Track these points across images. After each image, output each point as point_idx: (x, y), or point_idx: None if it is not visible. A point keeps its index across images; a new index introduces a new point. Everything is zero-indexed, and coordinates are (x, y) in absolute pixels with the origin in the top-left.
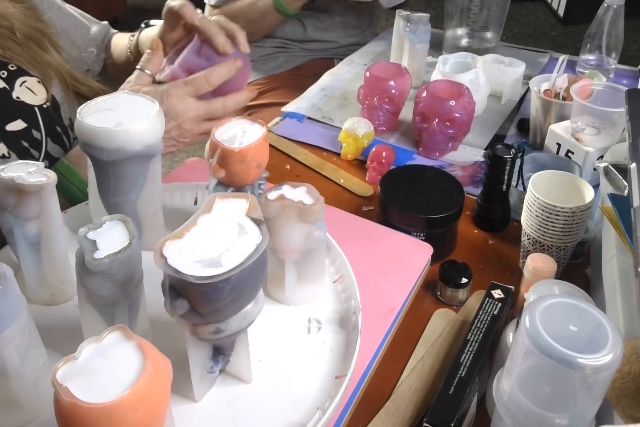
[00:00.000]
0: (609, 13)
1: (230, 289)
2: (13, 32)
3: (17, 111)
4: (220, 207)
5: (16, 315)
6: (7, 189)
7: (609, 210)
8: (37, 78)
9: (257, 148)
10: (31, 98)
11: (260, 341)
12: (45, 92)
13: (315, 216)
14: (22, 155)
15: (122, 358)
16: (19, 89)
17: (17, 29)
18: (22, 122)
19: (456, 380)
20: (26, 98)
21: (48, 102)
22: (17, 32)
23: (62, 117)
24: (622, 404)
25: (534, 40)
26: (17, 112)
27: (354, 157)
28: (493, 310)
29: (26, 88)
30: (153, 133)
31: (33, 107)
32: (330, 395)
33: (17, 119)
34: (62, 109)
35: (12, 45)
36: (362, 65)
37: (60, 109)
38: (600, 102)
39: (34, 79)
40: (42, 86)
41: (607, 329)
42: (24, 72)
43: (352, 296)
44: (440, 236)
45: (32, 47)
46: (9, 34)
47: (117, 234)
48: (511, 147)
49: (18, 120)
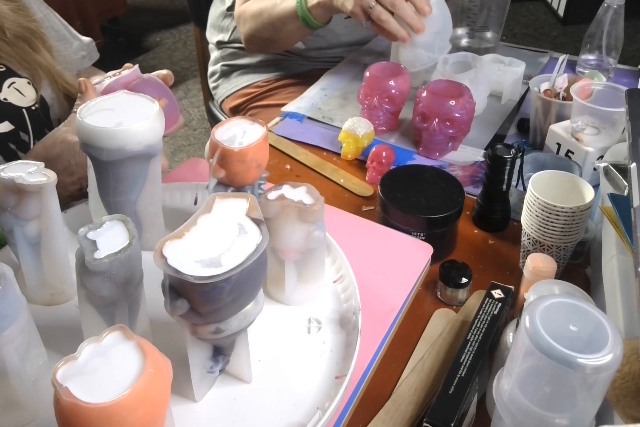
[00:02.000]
0: (609, 13)
1: (230, 289)
2: (3, 31)
3: (4, 113)
4: (220, 207)
5: (16, 315)
6: (7, 189)
7: (609, 210)
8: (27, 79)
9: (257, 148)
10: (19, 100)
11: (260, 341)
12: (34, 94)
13: (315, 216)
14: (9, 157)
15: (122, 358)
16: (7, 90)
17: (7, 28)
18: (9, 124)
19: (456, 380)
20: (14, 100)
21: (37, 104)
22: (7, 31)
23: (50, 119)
24: (622, 404)
25: (534, 40)
26: (4, 114)
27: (354, 157)
28: (493, 310)
29: (15, 89)
30: (153, 133)
31: (21, 109)
32: (330, 395)
33: (4, 121)
34: (52, 110)
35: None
36: (362, 65)
37: (49, 110)
38: (600, 102)
39: (24, 80)
40: (31, 87)
41: (607, 329)
42: (13, 73)
43: (352, 296)
44: (440, 236)
45: (22, 47)
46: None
47: (117, 234)
48: (511, 147)
49: (5, 122)
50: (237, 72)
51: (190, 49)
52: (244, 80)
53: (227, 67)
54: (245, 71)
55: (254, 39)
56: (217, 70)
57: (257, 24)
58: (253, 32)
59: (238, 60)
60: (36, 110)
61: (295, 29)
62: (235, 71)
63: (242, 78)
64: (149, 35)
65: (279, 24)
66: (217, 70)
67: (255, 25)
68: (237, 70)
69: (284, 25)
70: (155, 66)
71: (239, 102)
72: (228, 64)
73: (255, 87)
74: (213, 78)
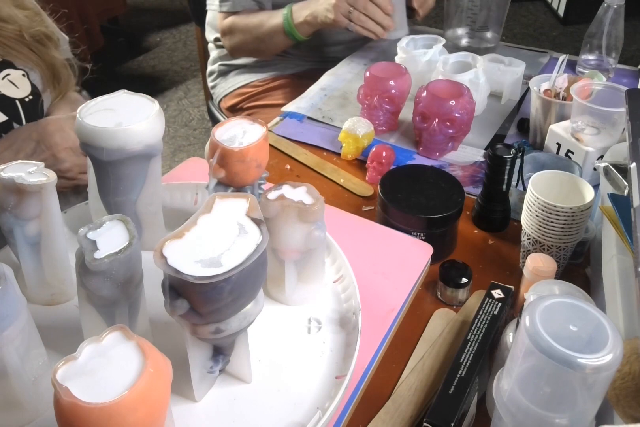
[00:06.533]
0: (609, 13)
1: (230, 289)
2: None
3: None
4: (220, 207)
5: (16, 315)
6: (7, 189)
7: (609, 210)
8: (22, 71)
9: (257, 148)
10: (13, 91)
11: (260, 341)
12: (29, 86)
13: (315, 216)
14: None
15: (122, 358)
16: (1, 82)
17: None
18: (2, 114)
19: (456, 380)
20: (8, 91)
21: (30, 96)
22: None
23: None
24: (622, 404)
25: (534, 40)
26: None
27: (354, 157)
28: (493, 310)
29: (8, 81)
30: (153, 133)
31: (14, 101)
32: (330, 395)
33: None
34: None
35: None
36: (362, 65)
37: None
38: (600, 102)
39: (19, 72)
40: (26, 79)
41: (607, 329)
42: (8, 64)
43: (352, 296)
44: (440, 236)
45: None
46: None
47: (117, 234)
48: (511, 147)
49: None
50: (234, 71)
51: (190, 49)
52: (241, 79)
53: (225, 67)
54: (242, 71)
55: (241, 50)
56: (215, 70)
57: (245, 38)
58: (240, 45)
59: (235, 60)
60: (30, 102)
61: (281, 42)
62: (233, 71)
63: (239, 77)
64: (149, 35)
65: (266, 38)
66: (215, 70)
67: (243, 39)
68: (235, 70)
69: (271, 39)
70: (155, 66)
71: (235, 102)
72: (225, 64)
73: (251, 86)
74: (211, 77)
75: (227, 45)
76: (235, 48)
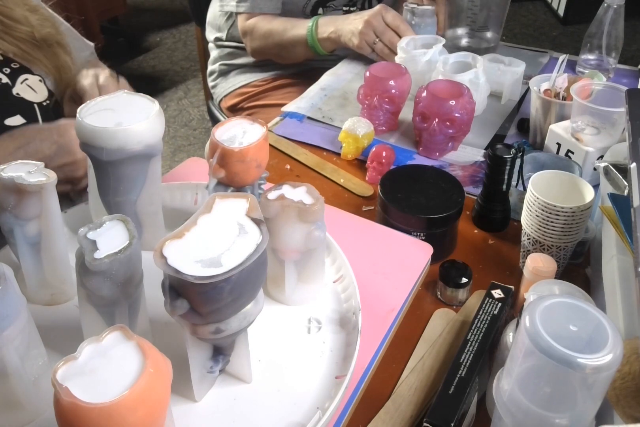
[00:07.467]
0: (609, 13)
1: (230, 289)
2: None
3: (17, 107)
4: (220, 207)
5: (16, 315)
6: (7, 189)
7: (609, 210)
8: (39, 77)
9: (257, 148)
10: (32, 95)
11: (260, 341)
12: (46, 91)
13: (315, 216)
14: None
15: (122, 358)
16: (20, 86)
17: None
18: (20, 117)
19: (456, 380)
20: (26, 95)
21: (48, 100)
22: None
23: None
24: (622, 404)
25: (534, 40)
26: (16, 108)
27: (354, 157)
28: (493, 310)
29: (27, 86)
30: (153, 133)
31: (32, 104)
32: (330, 395)
33: (16, 115)
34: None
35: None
36: (362, 65)
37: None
38: (600, 102)
39: (36, 77)
40: (42, 85)
41: (607, 329)
42: (26, 70)
43: (352, 296)
44: (440, 236)
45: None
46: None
47: (117, 234)
48: (511, 147)
49: (17, 116)
50: (234, 71)
51: (190, 49)
52: (241, 79)
53: (225, 67)
54: (242, 70)
55: (262, 54)
56: (215, 70)
57: (267, 43)
58: (262, 49)
59: (235, 60)
60: (47, 106)
61: (303, 52)
62: (233, 70)
63: (240, 77)
64: (149, 35)
65: (289, 46)
66: (215, 70)
67: (264, 44)
68: (235, 70)
69: (293, 48)
70: (155, 66)
71: (236, 101)
72: (226, 64)
73: (252, 86)
74: (212, 77)
75: (249, 46)
76: (257, 50)
